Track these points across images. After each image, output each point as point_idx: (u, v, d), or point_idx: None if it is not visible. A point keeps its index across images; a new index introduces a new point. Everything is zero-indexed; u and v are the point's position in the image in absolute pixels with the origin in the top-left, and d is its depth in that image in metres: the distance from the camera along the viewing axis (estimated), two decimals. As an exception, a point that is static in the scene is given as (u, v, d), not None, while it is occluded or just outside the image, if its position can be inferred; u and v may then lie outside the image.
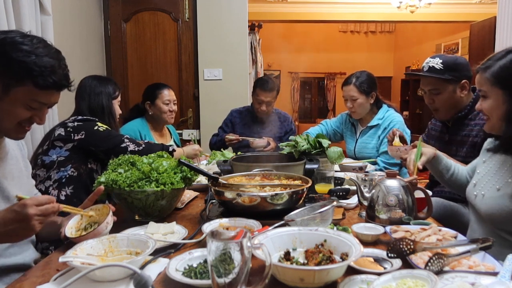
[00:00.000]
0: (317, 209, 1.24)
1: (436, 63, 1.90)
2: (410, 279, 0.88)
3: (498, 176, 1.36)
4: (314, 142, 1.95)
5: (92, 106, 2.10)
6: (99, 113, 2.10)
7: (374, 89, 2.56)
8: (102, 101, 2.12)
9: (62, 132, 1.96)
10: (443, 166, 1.64)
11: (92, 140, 1.96)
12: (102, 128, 2.00)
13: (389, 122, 2.50)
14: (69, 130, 1.95)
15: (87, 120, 2.00)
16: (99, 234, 1.15)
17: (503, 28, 3.73)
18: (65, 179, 1.93)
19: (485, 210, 1.35)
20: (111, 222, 1.21)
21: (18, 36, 1.13)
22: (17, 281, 1.01)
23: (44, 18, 2.56)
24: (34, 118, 1.18)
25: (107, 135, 1.99)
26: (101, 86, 2.15)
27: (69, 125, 1.97)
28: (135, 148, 2.00)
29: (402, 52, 10.17)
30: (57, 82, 1.15)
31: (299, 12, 6.81)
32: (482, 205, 1.36)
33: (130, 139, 2.05)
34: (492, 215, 1.32)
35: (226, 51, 3.88)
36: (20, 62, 1.10)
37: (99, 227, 1.16)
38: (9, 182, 1.25)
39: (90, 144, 1.97)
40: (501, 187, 1.32)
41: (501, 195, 1.31)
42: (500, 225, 1.30)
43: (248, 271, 0.77)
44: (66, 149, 1.95)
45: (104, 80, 2.21)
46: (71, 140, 1.94)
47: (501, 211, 1.29)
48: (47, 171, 1.92)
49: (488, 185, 1.38)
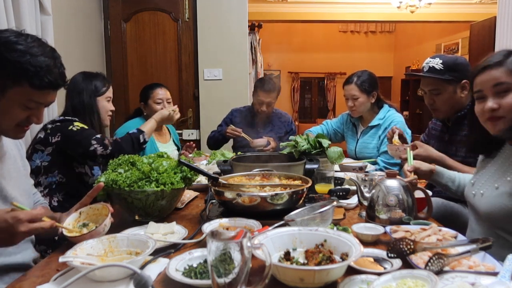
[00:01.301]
0: (317, 209, 1.23)
1: (436, 64, 1.90)
2: (410, 279, 0.88)
3: (497, 175, 1.36)
4: (314, 142, 1.95)
5: (73, 104, 2.02)
6: (81, 112, 2.01)
7: (375, 89, 2.56)
8: (83, 98, 2.02)
9: (42, 135, 1.90)
10: (446, 179, 1.62)
11: (67, 142, 1.87)
12: (76, 127, 1.89)
13: (390, 122, 2.50)
14: (48, 132, 1.88)
15: (64, 121, 1.92)
16: (97, 236, 1.15)
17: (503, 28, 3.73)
18: (55, 185, 1.88)
19: (484, 209, 1.34)
20: (108, 224, 1.20)
21: (12, 36, 1.11)
22: (17, 281, 1.01)
23: (44, 18, 2.55)
24: (32, 118, 1.18)
25: (78, 136, 1.87)
26: (83, 82, 2.05)
27: (48, 126, 1.90)
28: (103, 152, 1.89)
29: (402, 52, 10.17)
30: (53, 82, 1.14)
31: (299, 12, 6.81)
32: (481, 204, 1.36)
33: (99, 140, 1.90)
34: (490, 214, 1.31)
35: (226, 51, 3.88)
36: (15, 62, 1.08)
37: (97, 229, 1.16)
38: (8, 182, 1.25)
39: (67, 147, 1.88)
40: (500, 186, 1.31)
41: (499, 193, 1.30)
42: (499, 224, 1.30)
43: (248, 271, 0.77)
44: (48, 153, 1.88)
45: (89, 76, 2.10)
46: (50, 143, 1.87)
47: (500, 209, 1.28)
48: (35, 177, 1.85)
49: (486, 183, 1.38)
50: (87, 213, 1.26)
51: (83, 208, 1.27)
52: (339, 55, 10.35)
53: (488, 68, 1.28)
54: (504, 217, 1.28)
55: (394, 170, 1.48)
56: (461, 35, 7.33)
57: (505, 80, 1.25)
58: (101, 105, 2.09)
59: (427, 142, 2.08)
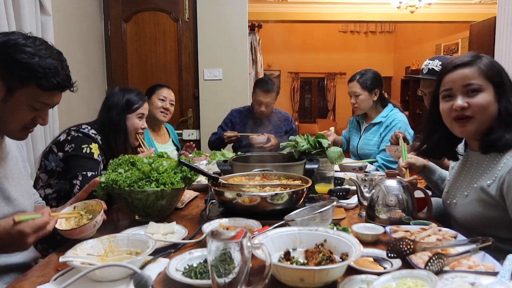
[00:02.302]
0: (317, 209, 1.24)
1: (435, 65, 1.91)
2: (410, 279, 0.88)
3: (465, 182, 1.36)
4: (314, 142, 1.95)
5: (102, 120, 1.94)
6: (109, 129, 1.91)
7: (378, 87, 2.60)
8: (112, 115, 1.93)
9: (62, 137, 1.82)
10: (437, 176, 1.63)
11: (71, 159, 1.77)
12: (87, 150, 1.78)
13: (392, 121, 2.53)
14: (67, 139, 1.80)
15: (85, 136, 1.82)
16: (87, 231, 1.17)
17: (503, 28, 3.73)
18: (64, 193, 1.83)
19: (459, 218, 1.35)
20: (100, 221, 1.21)
21: (20, 38, 1.13)
22: (17, 281, 1.01)
23: (44, 18, 2.56)
24: (37, 119, 1.20)
25: (77, 161, 1.76)
26: (115, 97, 1.97)
27: (71, 133, 1.82)
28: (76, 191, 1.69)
29: (402, 52, 10.18)
30: (61, 83, 1.17)
31: (299, 12, 6.81)
32: (456, 213, 1.36)
33: (84, 178, 1.72)
34: (466, 222, 1.32)
35: (226, 51, 3.88)
36: (24, 64, 1.10)
37: (87, 224, 1.17)
38: (10, 183, 1.26)
39: (69, 164, 1.78)
40: (469, 193, 1.31)
41: (469, 201, 1.30)
42: (478, 230, 1.28)
43: (248, 271, 0.77)
44: (60, 158, 1.80)
45: (123, 91, 2.01)
46: (63, 150, 1.79)
47: (474, 216, 1.28)
48: (48, 178, 1.81)
49: (457, 192, 1.38)
50: (81, 208, 1.28)
51: (78, 203, 1.29)
52: (339, 55, 10.36)
53: (460, 67, 1.28)
54: (480, 223, 1.28)
55: (394, 170, 1.48)
56: (461, 35, 7.34)
57: (475, 81, 1.25)
58: (130, 123, 1.98)
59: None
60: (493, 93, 1.25)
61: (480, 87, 1.25)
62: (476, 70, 1.26)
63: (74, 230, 1.16)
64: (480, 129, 1.27)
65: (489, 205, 1.24)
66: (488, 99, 1.24)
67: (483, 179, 1.27)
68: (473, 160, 1.36)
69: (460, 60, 1.29)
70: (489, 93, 1.25)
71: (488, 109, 1.24)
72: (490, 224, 1.26)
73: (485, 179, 1.26)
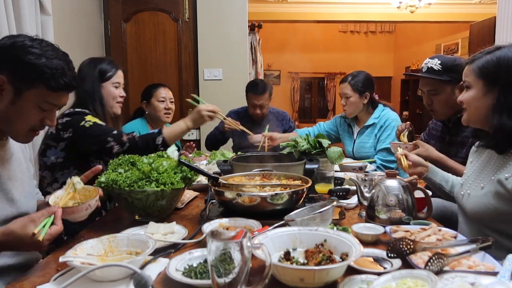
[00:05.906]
0: (317, 209, 1.24)
1: (434, 64, 1.91)
2: (410, 279, 0.88)
3: (483, 175, 1.36)
4: (314, 142, 1.95)
5: (79, 95, 1.87)
6: (88, 102, 1.86)
7: (369, 90, 2.58)
8: (87, 87, 1.86)
9: (53, 130, 1.79)
10: (440, 178, 1.63)
11: (80, 139, 1.75)
12: (89, 123, 1.76)
13: (385, 120, 2.53)
14: (59, 128, 1.77)
15: (74, 114, 1.79)
16: (79, 212, 1.19)
17: (503, 28, 3.73)
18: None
19: (470, 209, 1.35)
20: (93, 205, 1.23)
21: (27, 40, 1.15)
22: (17, 281, 1.01)
23: (44, 18, 2.56)
24: (45, 120, 1.21)
25: (92, 133, 1.75)
26: (87, 68, 1.91)
27: (59, 121, 1.77)
28: (119, 150, 1.76)
29: (402, 52, 10.17)
30: (68, 84, 1.18)
31: (299, 12, 6.81)
32: (468, 204, 1.36)
33: (116, 136, 1.76)
34: (477, 213, 1.32)
35: (226, 51, 3.88)
36: (31, 65, 1.12)
37: (80, 206, 1.19)
38: (13, 184, 1.26)
39: (80, 144, 1.77)
40: (485, 185, 1.32)
41: (485, 193, 1.30)
42: (486, 224, 1.30)
43: (248, 271, 0.77)
44: (61, 148, 1.79)
45: (93, 61, 1.96)
46: (62, 139, 1.77)
47: (485, 209, 1.29)
48: (52, 173, 1.81)
49: (473, 184, 1.38)
50: (78, 191, 1.29)
51: (75, 179, 1.30)
52: (339, 55, 10.35)
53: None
54: (490, 217, 1.28)
55: (393, 170, 1.48)
56: (461, 35, 7.34)
57: (466, 79, 1.35)
58: (106, 92, 1.93)
59: (428, 142, 2.08)
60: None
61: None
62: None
63: (66, 209, 1.16)
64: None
65: (504, 199, 1.25)
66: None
67: (501, 172, 1.28)
68: (494, 154, 1.36)
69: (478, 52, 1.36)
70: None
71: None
72: (501, 218, 1.26)
73: (504, 172, 1.27)
